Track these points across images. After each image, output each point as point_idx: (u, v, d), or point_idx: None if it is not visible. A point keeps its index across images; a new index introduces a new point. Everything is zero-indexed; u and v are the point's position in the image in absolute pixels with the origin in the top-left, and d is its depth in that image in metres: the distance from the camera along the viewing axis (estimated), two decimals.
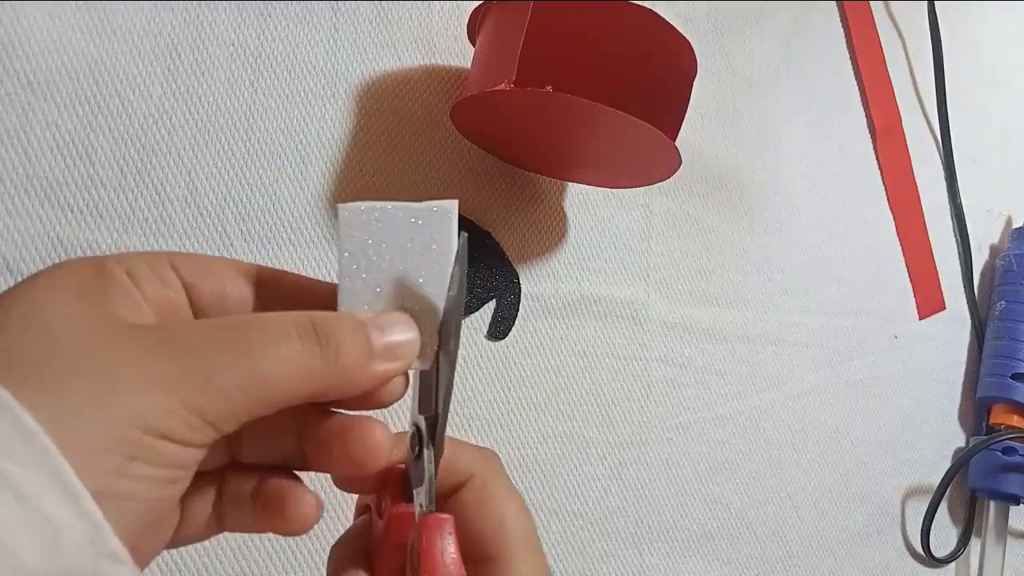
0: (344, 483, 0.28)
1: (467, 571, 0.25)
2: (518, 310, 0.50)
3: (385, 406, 0.25)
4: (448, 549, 0.25)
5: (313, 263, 0.45)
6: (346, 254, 0.25)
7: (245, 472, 0.26)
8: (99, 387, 0.19)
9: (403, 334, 0.25)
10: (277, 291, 0.26)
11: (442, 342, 0.26)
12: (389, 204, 0.26)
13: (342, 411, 0.25)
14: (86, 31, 0.41)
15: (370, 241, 0.26)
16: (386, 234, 0.26)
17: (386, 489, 0.27)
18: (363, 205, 0.26)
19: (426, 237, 0.26)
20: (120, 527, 0.19)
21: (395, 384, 0.26)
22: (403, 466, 0.27)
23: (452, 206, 0.26)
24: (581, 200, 0.54)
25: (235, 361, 0.21)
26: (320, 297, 0.26)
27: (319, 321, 0.23)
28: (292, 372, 0.22)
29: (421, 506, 0.26)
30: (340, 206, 0.26)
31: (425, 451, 0.26)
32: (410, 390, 0.26)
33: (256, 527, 0.26)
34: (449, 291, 0.26)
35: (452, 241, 0.26)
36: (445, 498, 0.28)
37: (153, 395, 0.20)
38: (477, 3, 0.46)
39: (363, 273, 0.25)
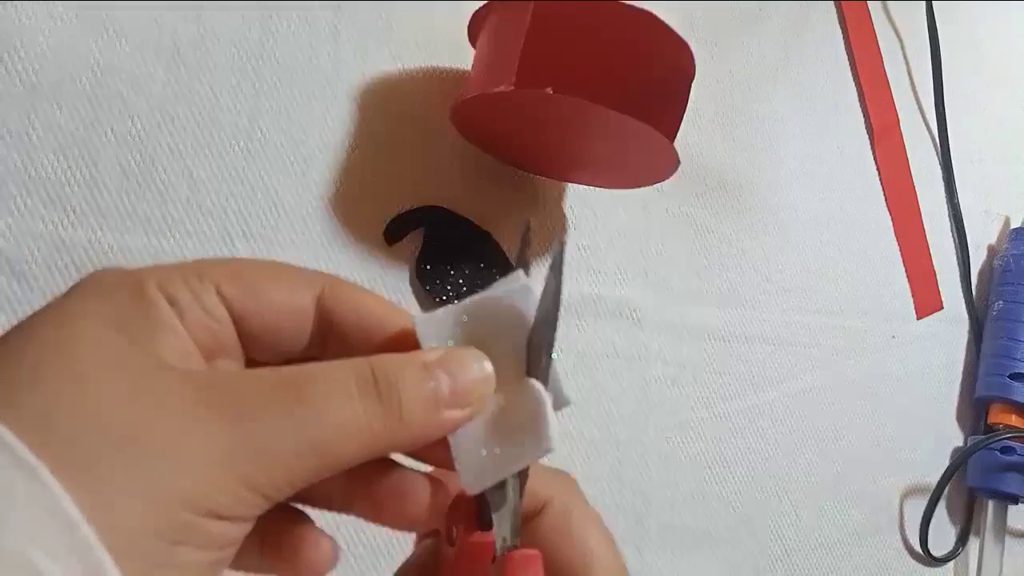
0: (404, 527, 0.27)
1: None
2: None
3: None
4: None
5: (313, 263, 0.45)
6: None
7: None
8: (144, 463, 0.17)
9: (475, 372, 0.23)
10: (343, 319, 0.23)
11: (531, 362, 0.23)
12: (466, 302, 0.24)
13: (399, 464, 0.24)
14: (88, 32, 0.41)
15: (451, 342, 0.24)
16: (467, 328, 0.24)
17: (459, 515, 0.25)
18: (440, 314, 0.23)
19: (511, 319, 0.24)
20: None
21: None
22: None
23: (533, 284, 0.24)
24: (581, 200, 0.54)
25: (293, 427, 0.19)
26: (385, 323, 0.24)
27: (381, 372, 0.21)
28: (354, 436, 0.20)
29: (504, 539, 0.24)
30: (415, 318, 0.24)
31: (509, 478, 0.24)
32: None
33: (260, 568, 0.23)
34: (542, 301, 0.23)
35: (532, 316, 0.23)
36: (522, 525, 0.25)
37: (204, 471, 0.18)
38: (478, 5, 0.46)
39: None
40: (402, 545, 0.44)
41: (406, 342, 0.23)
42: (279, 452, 0.19)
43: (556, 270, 0.24)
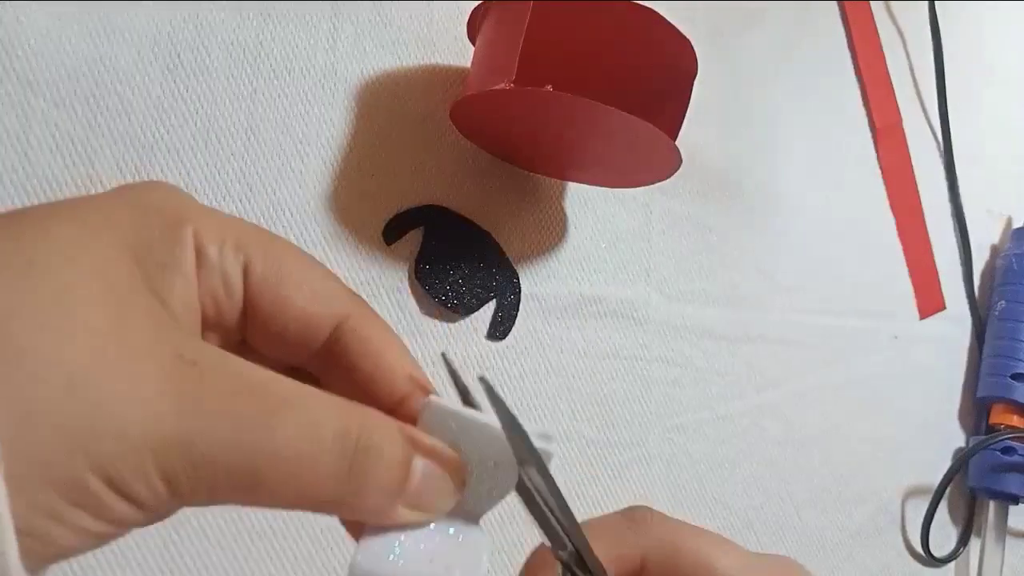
0: None
1: None
2: (518, 310, 0.50)
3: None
4: None
5: None
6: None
7: None
8: (83, 409, 0.16)
9: (447, 486, 0.21)
10: (356, 358, 0.22)
11: (520, 459, 0.22)
12: (478, 417, 0.22)
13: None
14: (86, 31, 0.41)
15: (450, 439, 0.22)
16: (462, 437, 0.22)
17: None
18: (451, 407, 0.22)
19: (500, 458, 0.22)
20: (27, 564, 0.16)
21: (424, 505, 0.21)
22: None
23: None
24: (581, 200, 0.54)
25: (244, 448, 0.17)
26: (396, 372, 0.22)
27: (365, 438, 0.19)
28: (302, 482, 0.18)
29: None
30: (426, 401, 0.22)
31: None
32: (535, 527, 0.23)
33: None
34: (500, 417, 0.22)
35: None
36: None
37: (134, 447, 0.16)
38: (477, 2, 0.46)
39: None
40: None
41: (404, 404, 0.22)
42: (219, 461, 0.17)
43: (496, 403, 0.22)
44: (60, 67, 0.40)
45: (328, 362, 0.22)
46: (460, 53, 0.50)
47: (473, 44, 0.48)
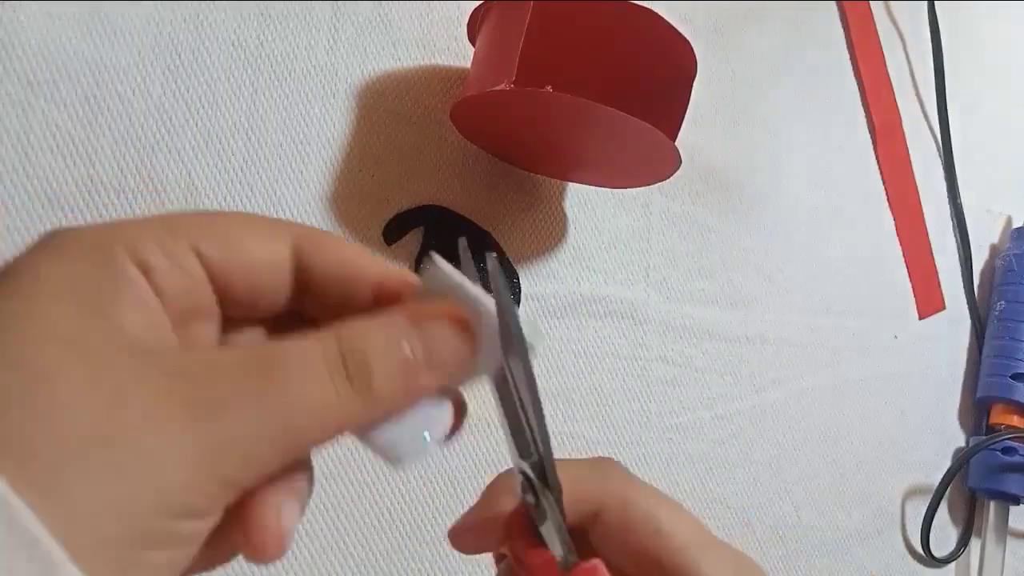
0: (463, 546, 0.26)
1: None
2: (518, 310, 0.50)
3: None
4: None
5: None
6: None
7: None
8: (110, 465, 0.16)
9: (447, 329, 0.21)
10: (320, 270, 0.22)
11: (505, 347, 0.22)
12: (471, 290, 0.22)
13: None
14: (86, 31, 0.41)
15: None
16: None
17: (517, 536, 0.24)
18: (447, 270, 0.23)
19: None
20: None
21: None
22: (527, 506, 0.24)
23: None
24: (581, 200, 0.54)
25: (266, 417, 0.18)
26: (365, 276, 0.22)
27: (349, 348, 0.20)
28: (328, 418, 0.19)
29: (560, 556, 0.23)
30: (424, 267, 0.23)
31: (543, 499, 0.23)
32: (502, 433, 0.24)
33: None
34: (495, 295, 0.22)
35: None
36: (585, 531, 0.25)
37: (176, 472, 0.17)
38: (477, 3, 0.46)
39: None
40: (403, 546, 0.44)
41: (387, 294, 0.23)
42: (251, 443, 0.18)
43: (497, 287, 0.22)
44: (60, 67, 0.40)
45: (308, 295, 0.23)
46: (460, 53, 0.50)
47: (473, 45, 0.48)
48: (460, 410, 0.23)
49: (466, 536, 0.26)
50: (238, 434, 0.18)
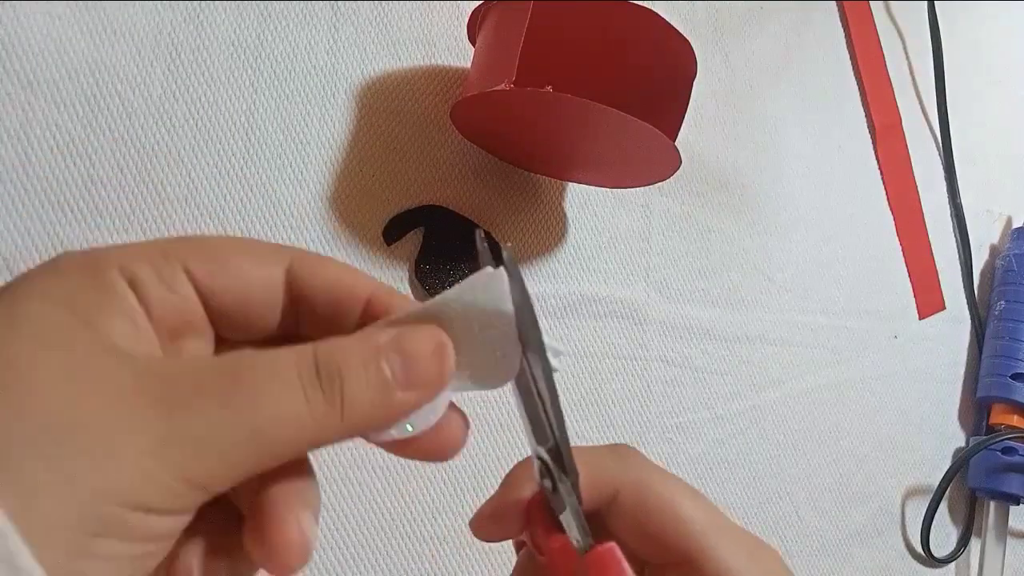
0: (485, 534, 0.26)
1: None
2: None
3: (445, 459, 0.23)
4: None
5: None
6: None
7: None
8: (71, 452, 0.17)
9: (428, 349, 0.21)
10: (312, 290, 0.22)
11: (524, 346, 0.22)
12: (446, 294, 0.22)
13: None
14: (86, 31, 0.41)
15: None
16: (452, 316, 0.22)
17: (536, 522, 0.25)
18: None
19: (491, 303, 0.22)
20: None
21: (452, 435, 0.22)
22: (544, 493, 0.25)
23: (500, 274, 0.22)
24: (581, 200, 0.54)
25: (230, 417, 0.18)
26: (356, 294, 0.23)
27: (325, 360, 0.20)
28: (294, 426, 0.19)
29: (577, 540, 0.24)
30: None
31: (560, 484, 0.24)
32: (520, 421, 0.24)
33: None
34: (512, 289, 0.22)
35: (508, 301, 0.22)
36: (602, 515, 0.25)
37: (134, 462, 0.17)
38: (477, 3, 0.46)
39: None
40: (402, 545, 0.44)
41: (375, 312, 0.23)
42: (215, 442, 0.18)
43: (516, 283, 0.22)
44: (60, 67, 0.40)
45: (300, 317, 0.23)
46: (460, 53, 0.50)
47: (473, 45, 0.48)
48: (462, 416, 0.23)
49: (487, 523, 0.26)
50: (201, 433, 0.18)
